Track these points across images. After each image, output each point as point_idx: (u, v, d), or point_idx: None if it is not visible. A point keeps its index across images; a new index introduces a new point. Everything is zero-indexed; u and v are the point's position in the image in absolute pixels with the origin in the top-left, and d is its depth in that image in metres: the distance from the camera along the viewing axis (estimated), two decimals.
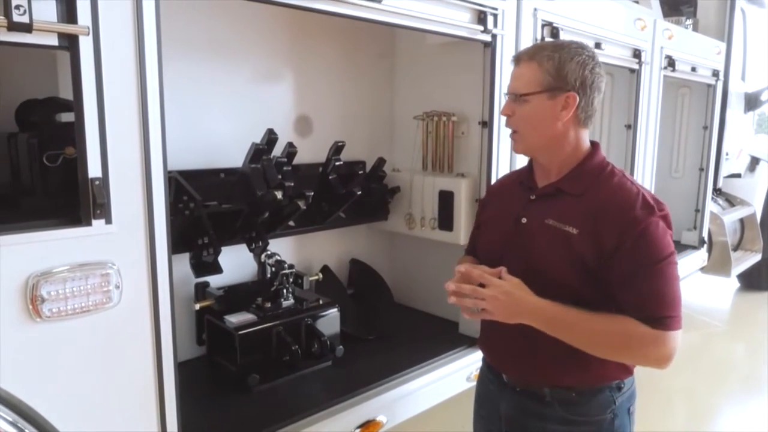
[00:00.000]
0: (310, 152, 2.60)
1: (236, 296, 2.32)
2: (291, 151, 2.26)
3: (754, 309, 5.59)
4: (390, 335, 2.63)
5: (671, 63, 3.73)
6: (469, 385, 2.40)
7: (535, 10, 2.56)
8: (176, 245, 1.77)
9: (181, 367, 1.60)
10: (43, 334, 1.33)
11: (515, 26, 2.49)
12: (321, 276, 2.70)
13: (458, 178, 2.65)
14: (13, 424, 1.30)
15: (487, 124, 2.51)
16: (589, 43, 2.74)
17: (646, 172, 3.75)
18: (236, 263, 2.42)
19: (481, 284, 1.41)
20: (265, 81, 2.58)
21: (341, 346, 2.33)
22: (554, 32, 2.67)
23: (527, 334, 1.42)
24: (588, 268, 1.38)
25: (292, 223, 2.40)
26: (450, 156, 2.73)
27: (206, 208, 2.06)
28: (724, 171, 4.88)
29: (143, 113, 1.42)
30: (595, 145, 1.53)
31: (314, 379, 2.24)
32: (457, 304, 1.45)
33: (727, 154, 4.82)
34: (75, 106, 1.33)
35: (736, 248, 5.42)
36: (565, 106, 1.42)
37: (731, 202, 5.46)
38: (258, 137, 2.17)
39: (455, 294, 1.43)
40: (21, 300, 1.29)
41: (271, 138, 2.15)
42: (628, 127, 3.59)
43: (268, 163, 2.14)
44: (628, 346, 1.37)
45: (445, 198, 2.67)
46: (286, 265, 2.29)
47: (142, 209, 1.45)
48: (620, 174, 1.47)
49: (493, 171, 2.51)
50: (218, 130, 2.40)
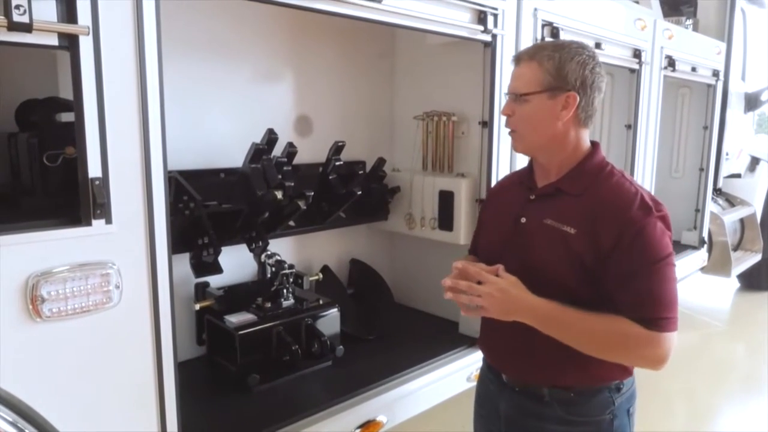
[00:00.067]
0: (310, 152, 2.60)
1: (236, 296, 2.32)
2: (291, 151, 2.26)
3: (754, 309, 5.58)
4: (390, 335, 2.63)
5: (671, 63, 3.73)
6: (470, 385, 2.40)
7: (536, 10, 2.56)
8: (176, 245, 1.77)
9: (181, 367, 1.60)
10: (43, 334, 1.33)
11: (515, 26, 2.49)
12: (321, 276, 2.70)
13: (458, 178, 2.65)
14: (13, 424, 1.30)
15: (487, 124, 2.51)
16: (589, 43, 2.73)
17: (646, 172, 3.75)
18: (236, 263, 2.42)
19: (479, 281, 1.42)
20: (265, 81, 2.58)
21: (341, 346, 2.33)
22: (554, 32, 2.67)
23: (527, 334, 1.42)
24: (585, 268, 1.38)
25: (292, 223, 2.40)
26: (450, 156, 2.73)
27: (206, 208, 2.06)
28: (724, 171, 4.87)
29: (143, 113, 1.42)
30: (595, 145, 1.53)
31: (314, 379, 2.24)
32: (453, 300, 1.45)
33: (727, 154, 4.82)
34: (75, 105, 1.33)
35: (736, 248, 5.42)
36: (565, 105, 1.42)
37: (731, 202, 5.46)
38: (258, 137, 2.17)
39: (451, 290, 1.44)
40: (21, 300, 1.29)
41: (271, 138, 2.15)
42: (628, 127, 3.59)
43: (268, 163, 2.14)
44: (623, 346, 1.36)
45: (445, 198, 2.67)
46: (286, 265, 2.29)
47: (142, 209, 1.45)
48: (619, 174, 1.47)
49: (493, 171, 2.50)
50: (218, 130, 2.40)
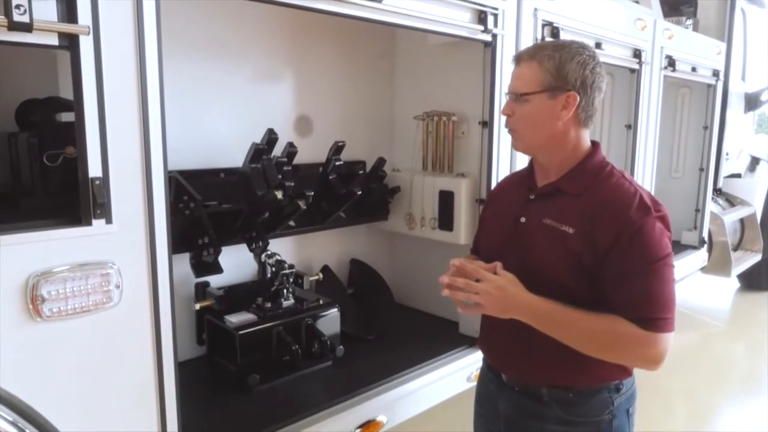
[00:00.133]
0: (311, 152, 2.60)
1: (236, 296, 2.32)
2: (291, 150, 2.26)
3: (754, 309, 5.58)
4: (390, 335, 2.63)
5: (671, 63, 3.73)
6: (470, 385, 2.40)
7: (536, 10, 2.56)
8: (176, 245, 1.77)
9: (181, 367, 1.60)
10: (43, 333, 1.33)
11: (515, 26, 2.49)
12: (321, 276, 2.70)
13: (458, 178, 2.65)
14: (13, 423, 1.30)
15: (487, 124, 2.51)
16: (589, 43, 2.73)
17: (646, 172, 3.75)
18: (236, 263, 2.42)
19: (477, 279, 1.42)
20: (265, 81, 2.58)
21: (341, 346, 2.33)
22: (554, 32, 2.67)
23: (526, 333, 1.42)
24: (584, 268, 1.38)
25: (292, 223, 2.40)
26: (450, 156, 2.73)
27: (206, 208, 2.06)
28: (725, 171, 4.87)
29: (143, 113, 1.42)
30: (595, 144, 1.52)
31: (314, 379, 2.24)
32: (450, 297, 1.45)
33: (727, 154, 4.82)
34: (75, 105, 1.33)
35: (736, 248, 5.42)
36: (565, 105, 1.42)
37: (731, 202, 5.46)
38: (258, 137, 2.17)
39: (449, 287, 1.44)
40: (21, 300, 1.29)
41: (271, 138, 2.15)
42: (629, 127, 3.59)
43: (268, 163, 2.14)
44: (619, 346, 1.36)
45: (446, 198, 2.67)
46: (286, 265, 2.29)
47: (143, 209, 1.45)
48: (619, 174, 1.47)
49: (494, 171, 2.50)
50: (218, 130, 2.40)
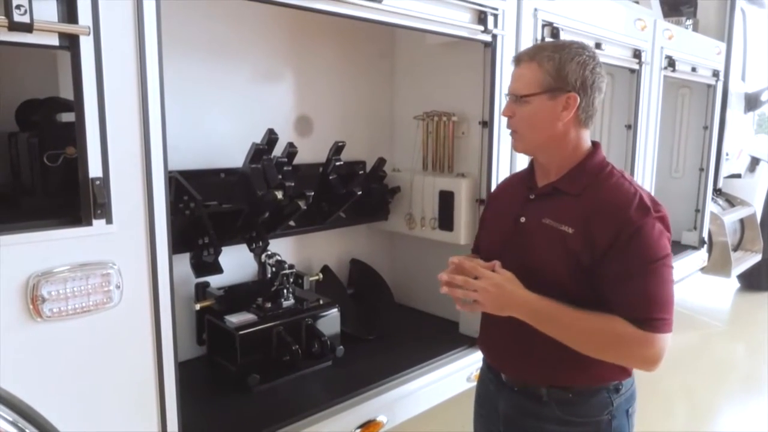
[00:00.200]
0: (311, 152, 2.60)
1: (236, 296, 2.32)
2: (291, 151, 2.26)
3: (754, 309, 5.59)
4: (390, 335, 2.63)
5: (671, 63, 3.73)
6: (470, 385, 2.40)
7: (536, 10, 2.56)
8: (177, 245, 1.77)
9: (181, 367, 1.60)
10: (43, 334, 1.33)
11: (515, 26, 2.49)
12: (321, 276, 2.70)
13: (458, 178, 2.65)
14: (13, 423, 1.30)
15: (487, 124, 2.51)
16: (589, 43, 2.73)
17: (646, 172, 3.75)
18: (236, 263, 2.42)
19: (475, 276, 1.43)
20: (265, 81, 2.58)
21: (341, 346, 2.33)
22: (554, 32, 2.67)
23: (525, 333, 1.42)
24: (583, 268, 1.38)
25: (292, 223, 2.40)
26: (450, 156, 2.73)
27: (207, 208, 2.06)
28: (724, 171, 4.87)
29: (144, 113, 1.42)
30: (596, 145, 1.53)
31: (314, 379, 2.24)
32: (448, 294, 1.46)
33: (727, 155, 4.82)
34: (75, 105, 1.33)
35: (736, 248, 5.42)
36: (565, 106, 1.42)
37: (731, 202, 5.46)
38: (258, 137, 2.17)
39: (447, 284, 1.45)
40: (21, 300, 1.29)
41: (271, 138, 2.15)
42: (629, 127, 3.60)
43: (268, 163, 2.14)
44: (615, 345, 1.36)
45: (446, 198, 2.67)
46: (286, 265, 2.29)
47: (143, 209, 1.45)
48: (619, 174, 1.47)
49: (494, 171, 2.51)
50: (218, 130, 2.40)
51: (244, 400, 2.07)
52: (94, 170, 1.35)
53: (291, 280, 2.31)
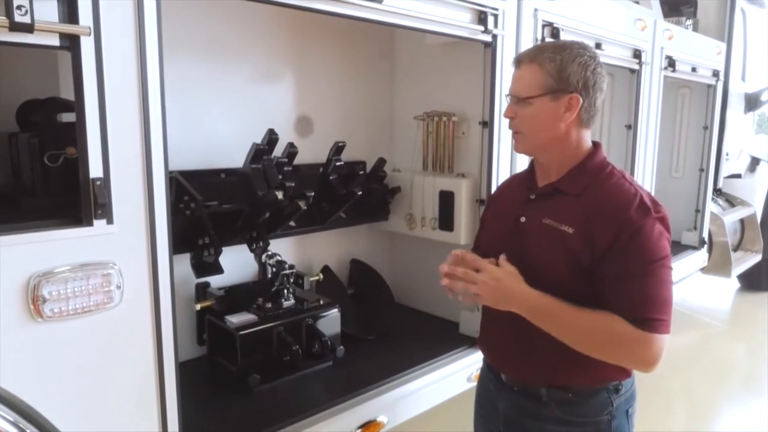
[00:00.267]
0: (311, 152, 2.60)
1: (237, 296, 2.32)
2: (292, 151, 2.27)
3: (754, 309, 5.59)
4: (390, 335, 2.63)
5: (671, 63, 3.74)
6: (470, 385, 2.40)
7: (536, 10, 2.56)
8: (177, 245, 1.76)
9: (181, 368, 1.60)
10: (44, 334, 1.33)
11: (516, 27, 2.49)
12: (321, 276, 2.71)
13: (459, 179, 2.65)
14: (14, 424, 1.30)
15: (487, 125, 2.51)
16: (589, 43, 2.74)
17: (646, 172, 3.75)
18: (237, 263, 2.42)
19: (477, 269, 1.43)
20: (265, 81, 2.58)
21: (342, 347, 2.33)
22: (555, 33, 2.67)
23: (525, 333, 1.42)
24: (583, 268, 1.38)
25: (292, 223, 2.40)
26: (450, 156, 2.73)
27: (207, 208, 2.06)
28: (725, 171, 4.88)
29: (144, 113, 1.42)
30: (596, 145, 1.53)
31: (315, 380, 2.24)
32: (449, 286, 1.46)
33: (727, 155, 4.82)
34: (76, 106, 1.33)
35: (736, 249, 5.42)
36: (568, 107, 1.42)
37: (731, 202, 5.46)
38: (258, 137, 2.17)
39: (448, 276, 1.45)
40: (22, 300, 1.29)
41: (271, 138, 2.15)
42: (629, 127, 3.60)
43: (268, 164, 2.14)
44: (613, 344, 1.36)
45: (446, 198, 2.67)
46: (286, 266, 2.29)
47: (143, 209, 1.45)
48: (619, 175, 1.47)
49: (494, 171, 2.51)
50: (219, 130, 2.40)
51: (245, 401, 2.07)
52: (95, 170, 1.35)
53: (291, 280, 2.31)
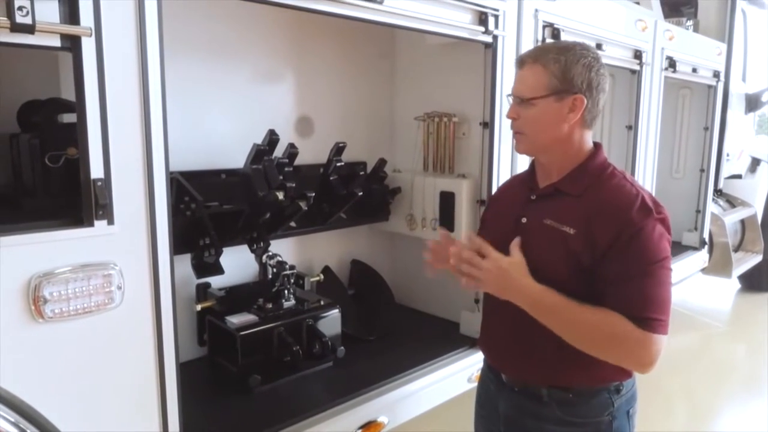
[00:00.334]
0: (311, 153, 2.60)
1: (237, 297, 2.32)
2: (292, 151, 2.27)
3: (754, 310, 5.58)
4: (391, 336, 2.63)
5: (672, 64, 3.74)
6: (471, 386, 2.40)
7: (536, 11, 2.57)
8: (178, 246, 1.77)
9: (182, 368, 1.60)
10: (45, 334, 1.33)
11: (516, 27, 2.49)
12: (322, 277, 2.71)
13: (459, 179, 2.65)
14: (14, 424, 1.30)
15: (488, 125, 2.51)
16: (590, 44, 2.73)
17: (646, 172, 3.75)
18: (237, 264, 2.42)
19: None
20: (265, 81, 2.58)
21: (342, 347, 2.33)
22: (555, 33, 2.67)
23: (526, 333, 1.42)
24: (583, 268, 1.38)
25: (293, 223, 2.40)
26: (451, 157, 2.73)
27: (208, 209, 2.06)
28: (725, 172, 4.88)
29: (145, 114, 1.42)
30: (597, 146, 1.52)
31: (315, 380, 2.24)
32: (456, 266, 1.46)
33: (727, 155, 4.82)
34: (77, 106, 1.33)
35: (736, 249, 5.42)
36: (572, 108, 1.42)
37: (732, 203, 5.46)
38: (259, 138, 2.17)
39: (454, 257, 1.45)
40: (23, 301, 1.30)
41: (272, 139, 2.15)
42: (629, 127, 3.60)
43: (269, 164, 2.14)
44: (613, 341, 1.34)
45: (446, 199, 2.67)
46: (287, 266, 2.29)
47: (144, 210, 1.45)
48: (621, 176, 1.47)
49: (494, 172, 2.51)
50: (219, 131, 2.40)
51: (245, 401, 2.07)
52: (96, 171, 1.35)
53: (292, 280, 2.31)
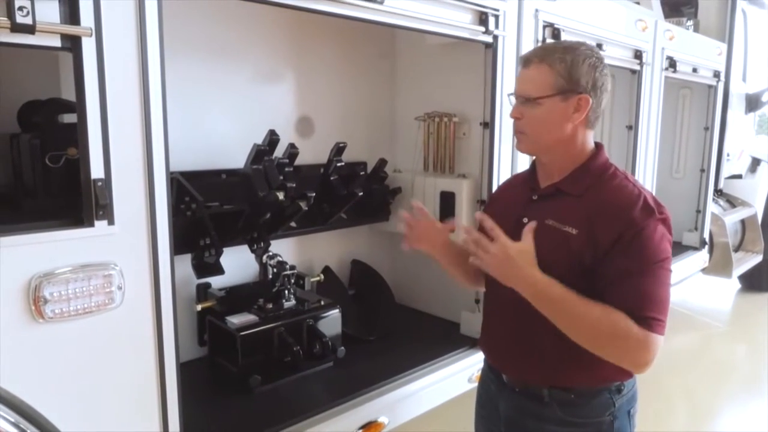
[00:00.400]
0: (312, 153, 2.60)
1: (238, 297, 2.32)
2: (293, 152, 2.27)
3: (755, 310, 5.58)
4: (391, 336, 2.63)
5: (672, 64, 3.74)
6: (471, 386, 2.40)
7: (537, 11, 2.57)
8: (178, 246, 1.76)
9: (182, 368, 1.60)
10: (45, 335, 1.33)
11: (516, 27, 2.49)
12: (322, 277, 2.71)
13: (459, 179, 2.65)
14: (15, 425, 1.30)
15: (488, 125, 2.51)
16: (590, 44, 2.74)
17: (647, 172, 3.75)
18: (238, 264, 2.42)
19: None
20: (266, 82, 2.58)
21: (343, 347, 2.33)
22: (555, 33, 2.67)
23: (527, 334, 1.42)
24: (586, 269, 1.38)
25: (293, 224, 2.40)
26: (451, 157, 2.73)
27: (208, 209, 2.06)
28: (725, 172, 4.88)
29: (146, 114, 1.42)
30: (599, 146, 1.52)
31: (316, 380, 2.24)
32: (467, 240, 1.44)
33: (728, 155, 4.82)
34: (78, 107, 1.33)
35: (737, 249, 5.41)
36: (577, 108, 1.42)
37: (732, 203, 5.46)
38: (259, 138, 2.17)
39: (466, 231, 1.44)
40: (24, 301, 1.30)
41: (272, 139, 2.15)
42: (630, 128, 3.60)
43: (269, 164, 2.14)
44: (614, 338, 1.32)
45: (447, 199, 2.67)
46: (287, 266, 2.29)
47: (145, 210, 1.45)
48: (622, 176, 1.47)
49: (495, 172, 2.51)
50: (219, 131, 2.40)
51: (246, 401, 2.07)
52: (96, 171, 1.35)
53: (292, 280, 2.31)
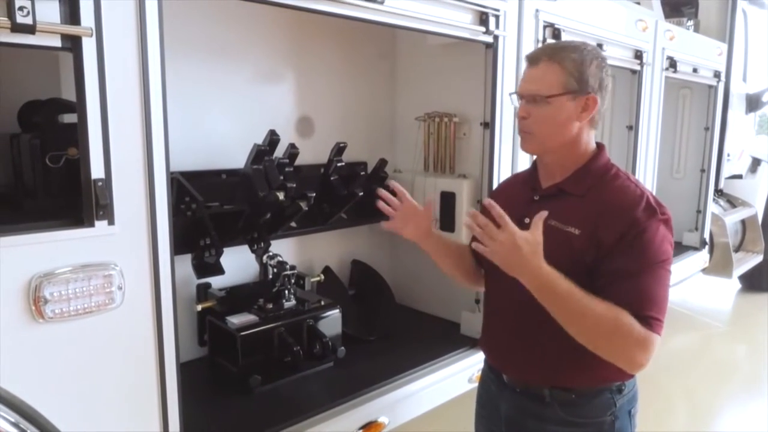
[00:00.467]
0: (312, 153, 2.60)
1: (238, 297, 2.32)
2: (293, 152, 2.27)
3: (755, 310, 5.58)
4: (392, 336, 2.63)
5: (672, 64, 3.73)
6: (471, 386, 2.40)
7: (537, 11, 2.56)
8: (178, 246, 1.76)
9: (182, 368, 1.60)
10: (45, 335, 1.33)
11: (517, 27, 2.49)
12: (322, 277, 2.71)
13: (460, 179, 2.65)
14: (15, 425, 1.30)
15: (488, 125, 2.51)
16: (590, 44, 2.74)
17: (647, 173, 3.75)
18: (238, 264, 2.42)
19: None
20: (266, 82, 2.58)
21: (343, 347, 2.33)
22: (556, 33, 2.67)
23: (528, 334, 1.42)
24: (588, 269, 1.38)
25: (293, 224, 2.40)
26: (451, 157, 2.73)
27: (208, 209, 2.06)
28: (726, 172, 4.88)
29: (146, 114, 1.42)
30: (600, 146, 1.53)
31: (316, 380, 2.24)
32: (471, 225, 1.40)
33: (728, 155, 4.82)
34: (78, 107, 1.33)
35: (737, 249, 5.41)
36: (585, 107, 1.42)
37: (732, 203, 5.46)
38: (259, 138, 2.17)
39: (473, 216, 1.38)
40: (24, 301, 1.30)
41: (272, 139, 2.15)
42: (630, 128, 3.60)
43: (270, 164, 2.14)
44: (615, 334, 1.31)
45: (447, 199, 2.67)
46: (287, 266, 2.29)
47: (145, 210, 1.45)
48: (624, 176, 1.47)
49: (495, 172, 2.50)
50: (219, 131, 2.40)
51: (246, 401, 2.07)
52: (96, 171, 1.35)
53: (292, 281, 2.31)
